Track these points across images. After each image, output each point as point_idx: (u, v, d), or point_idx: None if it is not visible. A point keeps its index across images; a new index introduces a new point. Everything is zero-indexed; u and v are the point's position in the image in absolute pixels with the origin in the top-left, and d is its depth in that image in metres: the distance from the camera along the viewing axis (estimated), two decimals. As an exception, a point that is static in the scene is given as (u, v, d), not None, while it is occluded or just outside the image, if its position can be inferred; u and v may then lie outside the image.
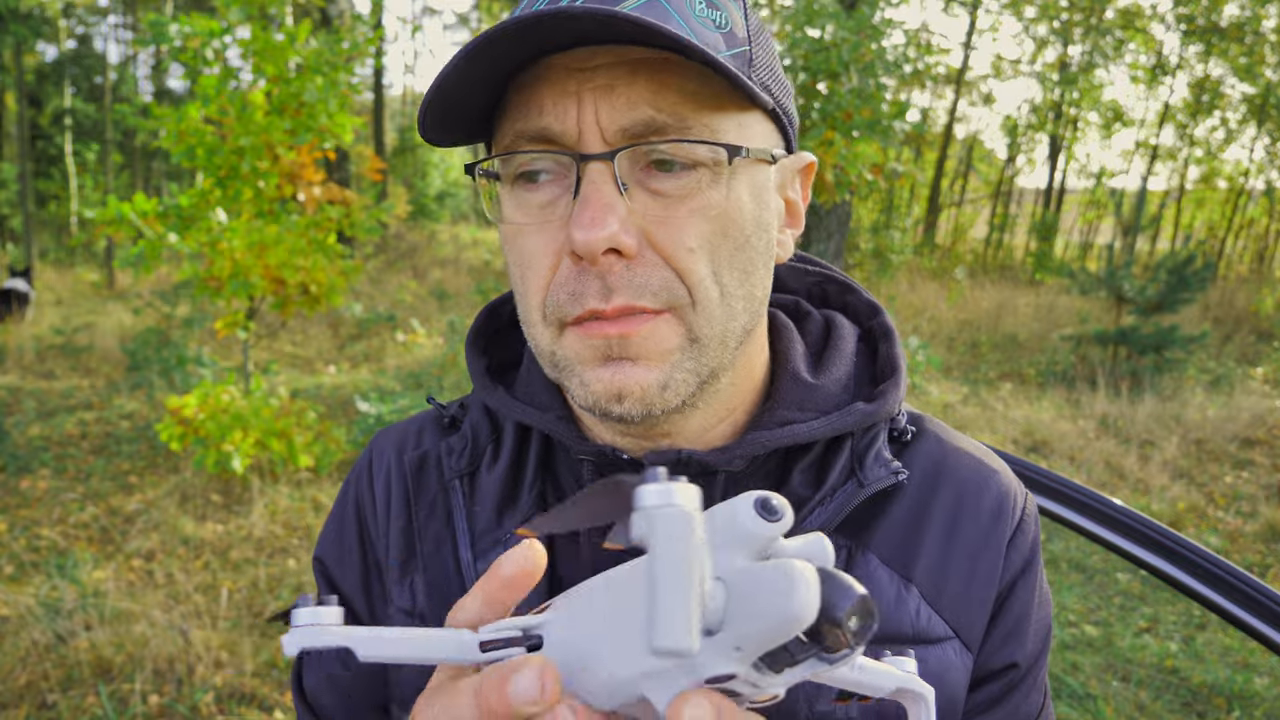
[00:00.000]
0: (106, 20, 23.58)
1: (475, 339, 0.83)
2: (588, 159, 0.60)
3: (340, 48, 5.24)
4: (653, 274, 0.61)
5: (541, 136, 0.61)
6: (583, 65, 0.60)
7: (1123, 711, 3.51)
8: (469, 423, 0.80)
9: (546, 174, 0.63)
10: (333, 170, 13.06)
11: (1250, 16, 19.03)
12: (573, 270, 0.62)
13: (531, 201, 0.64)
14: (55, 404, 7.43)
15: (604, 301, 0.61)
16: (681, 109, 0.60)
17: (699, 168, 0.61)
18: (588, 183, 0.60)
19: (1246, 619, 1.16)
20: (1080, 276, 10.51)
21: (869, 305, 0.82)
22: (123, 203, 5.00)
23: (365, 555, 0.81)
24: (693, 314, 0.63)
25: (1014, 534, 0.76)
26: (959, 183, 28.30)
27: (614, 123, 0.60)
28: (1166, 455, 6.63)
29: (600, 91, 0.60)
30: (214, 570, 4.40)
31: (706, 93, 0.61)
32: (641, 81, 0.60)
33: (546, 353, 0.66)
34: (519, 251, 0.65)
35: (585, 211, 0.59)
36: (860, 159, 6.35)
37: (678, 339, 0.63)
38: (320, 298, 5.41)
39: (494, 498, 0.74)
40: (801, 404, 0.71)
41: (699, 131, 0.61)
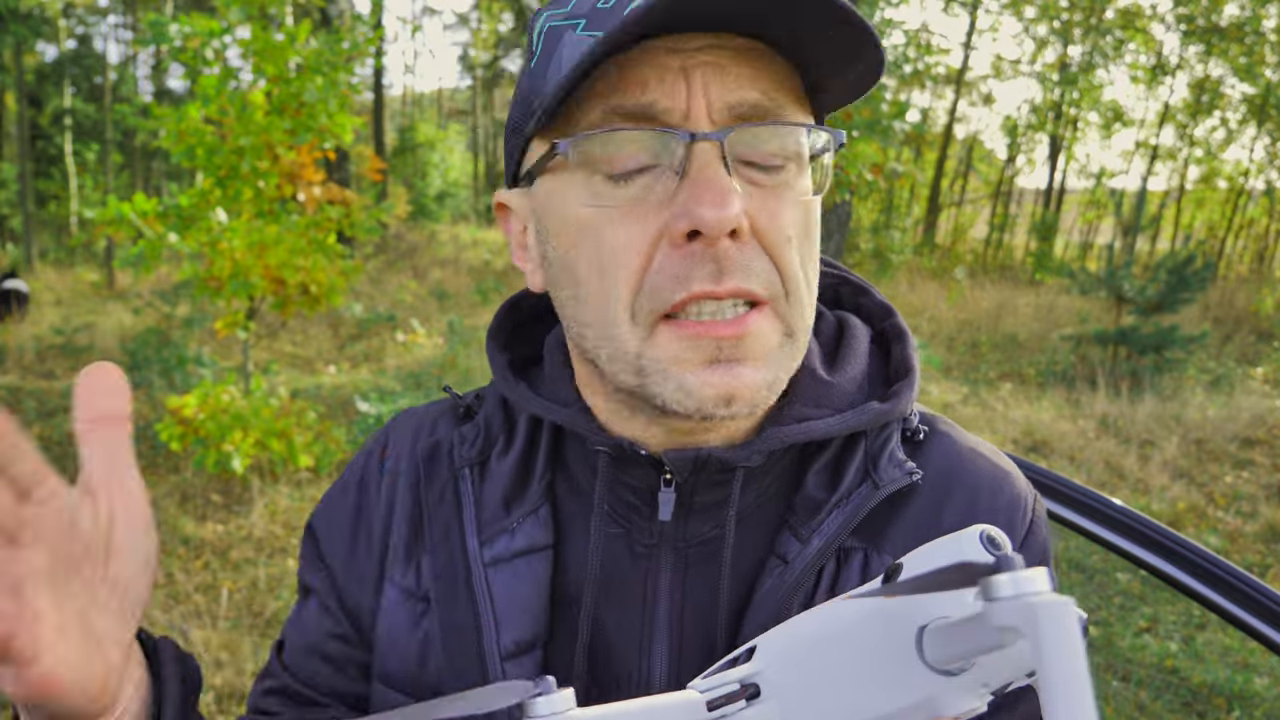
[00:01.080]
0: (106, 20, 23.59)
1: (496, 334, 0.82)
2: (699, 138, 0.58)
3: (340, 48, 5.24)
4: (757, 260, 0.61)
5: (645, 113, 0.59)
6: (683, 46, 0.59)
7: (1123, 711, 3.51)
8: (483, 413, 0.80)
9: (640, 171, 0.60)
10: (333, 170, 13.06)
11: (1250, 16, 19.04)
12: (674, 254, 0.60)
13: (617, 196, 0.61)
14: (55, 404, 7.43)
15: (716, 283, 0.59)
16: (780, 96, 0.61)
17: (788, 165, 0.62)
18: (702, 163, 0.59)
19: (1246, 619, 1.16)
20: (1080, 276, 10.51)
21: (882, 307, 0.82)
22: (123, 203, 5.00)
23: (357, 531, 0.82)
24: (786, 306, 0.63)
25: (1026, 536, 0.76)
26: (959, 183, 28.31)
27: (723, 100, 0.59)
28: (1166, 455, 6.63)
29: (710, 69, 0.59)
30: (214, 570, 4.40)
31: (793, 85, 0.62)
32: (746, 65, 0.59)
33: (630, 355, 0.63)
34: (600, 247, 0.62)
35: (708, 190, 0.57)
36: (860, 159, 6.35)
37: (778, 335, 0.63)
38: (320, 298, 5.41)
39: (503, 487, 0.75)
40: (818, 401, 0.71)
41: (794, 119, 0.62)
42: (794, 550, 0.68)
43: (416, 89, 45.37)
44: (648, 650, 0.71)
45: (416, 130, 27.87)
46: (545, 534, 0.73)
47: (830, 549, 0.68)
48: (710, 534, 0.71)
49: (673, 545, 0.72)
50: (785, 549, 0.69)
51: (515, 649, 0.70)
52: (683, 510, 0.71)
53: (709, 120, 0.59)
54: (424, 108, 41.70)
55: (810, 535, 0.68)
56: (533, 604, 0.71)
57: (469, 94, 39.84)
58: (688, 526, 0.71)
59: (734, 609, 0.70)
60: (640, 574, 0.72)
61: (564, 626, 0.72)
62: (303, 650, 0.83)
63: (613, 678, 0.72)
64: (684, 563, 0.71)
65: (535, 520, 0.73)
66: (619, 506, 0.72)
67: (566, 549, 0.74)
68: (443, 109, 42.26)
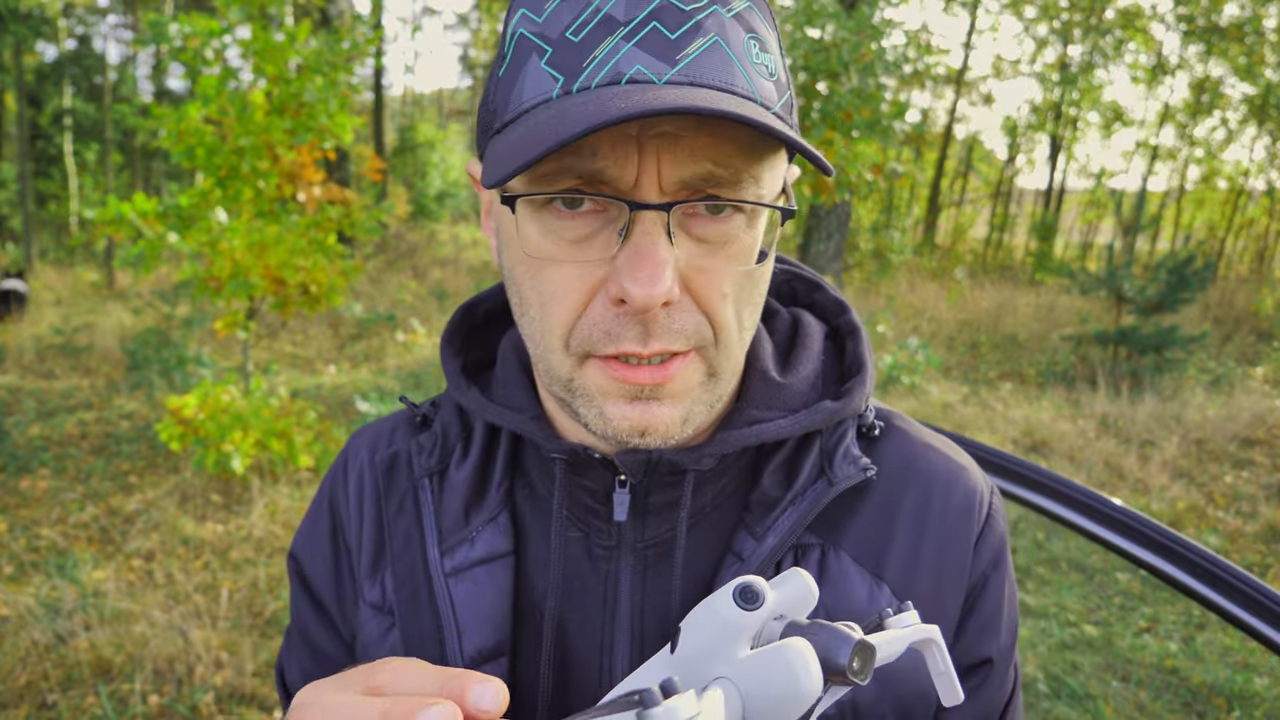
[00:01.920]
0: (106, 20, 23.58)
1: (451, 338, 0.83)
2: (644, 208, 0.58)
3: (340, 48, 5.24)
4: (688, 319, 0.62)
5: (595, 178, 0.59)
6: None
7: (1122, 712, 3.51)
8: (439, 421, 0.81)
9: (588, 202, 0.61)
10: (333, 170, 13.07)
11: (1250, 16, 19.03)
12: (609, 311, 0.61)
13: (564, 233, 0.62)
14: (55, 404, 7.43)
15: (641, 345, 0.61)
16: (736, 161, 0.60)
17: (738, 214, 0.62)
18: (642, 233, 0.59)
19: (1247, 619, 1.16)
20: (1080, 276, 10.51)
21: (836, 303, 0.83)
22: (122, 203, 5.00)
23: (337, 551, 0.82)
24: (714, 351, 0.65)
25: (982, 529, 0.77)
26: (959, 183, 28.30)
27: (675, 174, 0.58)
28: (1166, 455, 6.63)
29: (665, 141, 0.58)
30: (214, 570, 4.40)
31: (756, 143, 0.61)
32: (705, 134, 0.58)
33: (562, 379, 0.66)
34: (542, 282, 0.63)
35: (643, 266, 0.58)
36: (860, 159, 6.35)
37: (700, 375, 0.65)
38: (320, 298, 5.41)
39: (461, 496, 0.75)
40: (769, 403, 0.73)
41: (747, 184, 0.61)
42: (749, 548, 0.70)
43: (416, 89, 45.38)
44: (610, 651, 0.72)
45: (416, 130, 27.86)
46: (505, 541, 0.73)
47: (785, 545, 0.70)
48: (666, 535, 0.72)
49: (631, 547, 0.73)
50: (740, 546, 0.70)
51: (478, 657, 0.71)
52: (639, 511, 0.72)
53: (658, 191, 0.59)
54: (424, 108, 41.69)
55: (765, 533, 0.70)
56: (495, 612, 0.71)
57: (469, 94, 39.85)
58: (645, 528, 0.72)
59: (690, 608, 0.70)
60: (600, 576, 0.73)
61: (526, 632, 0.73)
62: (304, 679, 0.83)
63: (576, 681, 0.73)
64: (643, 564, 0.73)
65: (495, 528, 0.74)
66: (577, 510, 0.73)
67: (527, 555, 0.75)
68: (443, 109, 42.25)
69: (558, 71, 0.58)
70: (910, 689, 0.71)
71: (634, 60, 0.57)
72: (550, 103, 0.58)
